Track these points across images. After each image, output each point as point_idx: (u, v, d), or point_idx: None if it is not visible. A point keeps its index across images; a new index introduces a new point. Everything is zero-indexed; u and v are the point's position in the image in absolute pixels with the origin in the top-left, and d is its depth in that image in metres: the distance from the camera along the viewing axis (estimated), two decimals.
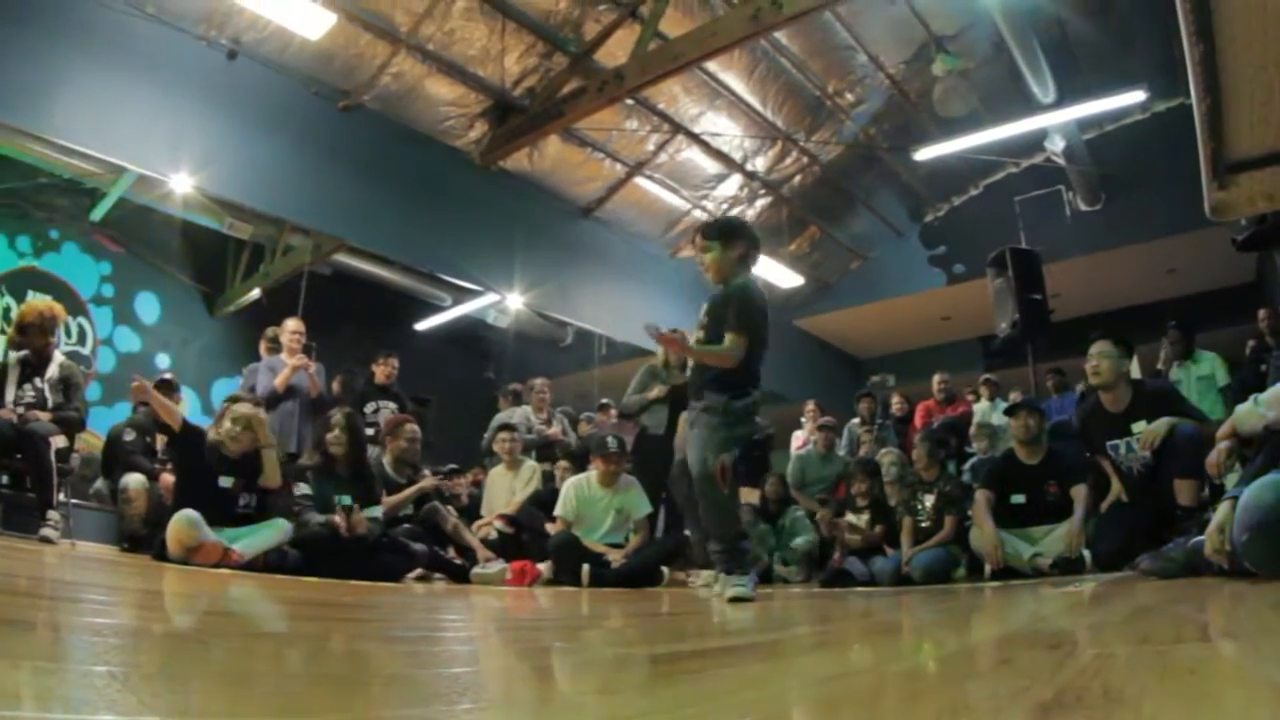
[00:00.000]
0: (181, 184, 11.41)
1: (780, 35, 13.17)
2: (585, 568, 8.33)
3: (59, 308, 8.57)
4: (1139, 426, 6.90)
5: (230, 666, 1.87)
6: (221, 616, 3.56)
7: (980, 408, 12.82)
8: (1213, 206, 3.10)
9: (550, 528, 9.16)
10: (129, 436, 9.53)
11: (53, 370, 8.17)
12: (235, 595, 4.64)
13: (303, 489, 7.80)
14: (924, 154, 15.03)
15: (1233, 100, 2.55)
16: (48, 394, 8.07)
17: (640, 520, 8.95)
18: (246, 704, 1.38)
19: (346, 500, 7.75)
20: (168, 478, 8.77)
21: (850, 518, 9.84)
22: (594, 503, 8.98)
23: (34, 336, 8.11)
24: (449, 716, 1.34)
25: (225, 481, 7.48)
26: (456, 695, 1.56)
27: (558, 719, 1.45)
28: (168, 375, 10.35)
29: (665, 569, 8.77)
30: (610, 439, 9.16)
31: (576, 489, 9.07)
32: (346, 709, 1.41)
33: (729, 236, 6.43)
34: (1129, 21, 13.48)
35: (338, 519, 7.49)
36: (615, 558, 8.60)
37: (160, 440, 9.45)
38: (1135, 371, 7.84)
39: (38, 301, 8.86)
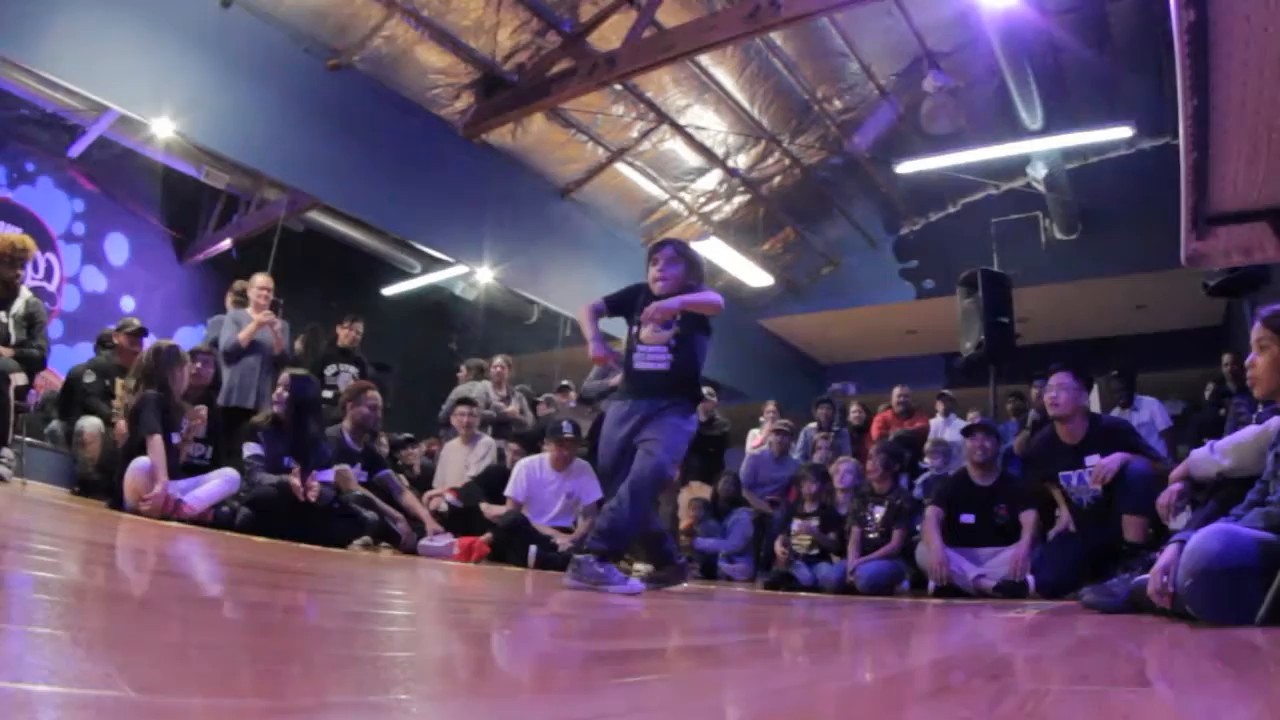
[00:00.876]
0: (163, 128, 11.32)
1: (775, 36, 13.18)
2: (532, 549, 8.36)
3: (30, 241, 8.49)
4: (1092, 460, 6.97)
5: (187, 637, 1.87)
6: (171, 577, 3.55)
7: (935, 423, 12.89)
8: (1189, 256, 3.12)
9: (487, 509, 9.19)
10: (89, 379, 9.47)
11: (18, 305, 8.10)
12: (184, 554, 4.63)
13: (253, 449, 7.77)
14: (906, 167, 15.08)
15: (1220, 157, 2.57)
16: (11, 329, 8.00)
17: (590, 505, 8.97)
18: (205, 682, 1.37)
19: (293, 463, 7.75)
20: (124, 424, 8.74)
21: (798, 522, 9.86)
22: (545, 485, 9.02)
23: (3, 269, 8.04)
24: (407, 706, 1.34)
25: (174, 438, 7.49)
26: (396, 684, 1.56)
27: (496, 715, 1.45)
28: (136, 322, 10.24)
29: None
30: (565, 424, 9.20)
31: (528, 471, 9.12)
32: (300, 692, 1.41)
33: (695, 265, 6.56)
34: (1124, 57, 13.55)
35: (296, 480, 7.47)
36: (563, 541, 8.63)
37: (121, 386, 9.41)
38: (1094, 405, 7.91)
39: (9, 234, 8.79)
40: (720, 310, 6.19)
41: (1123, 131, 13.44)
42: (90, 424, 8.82)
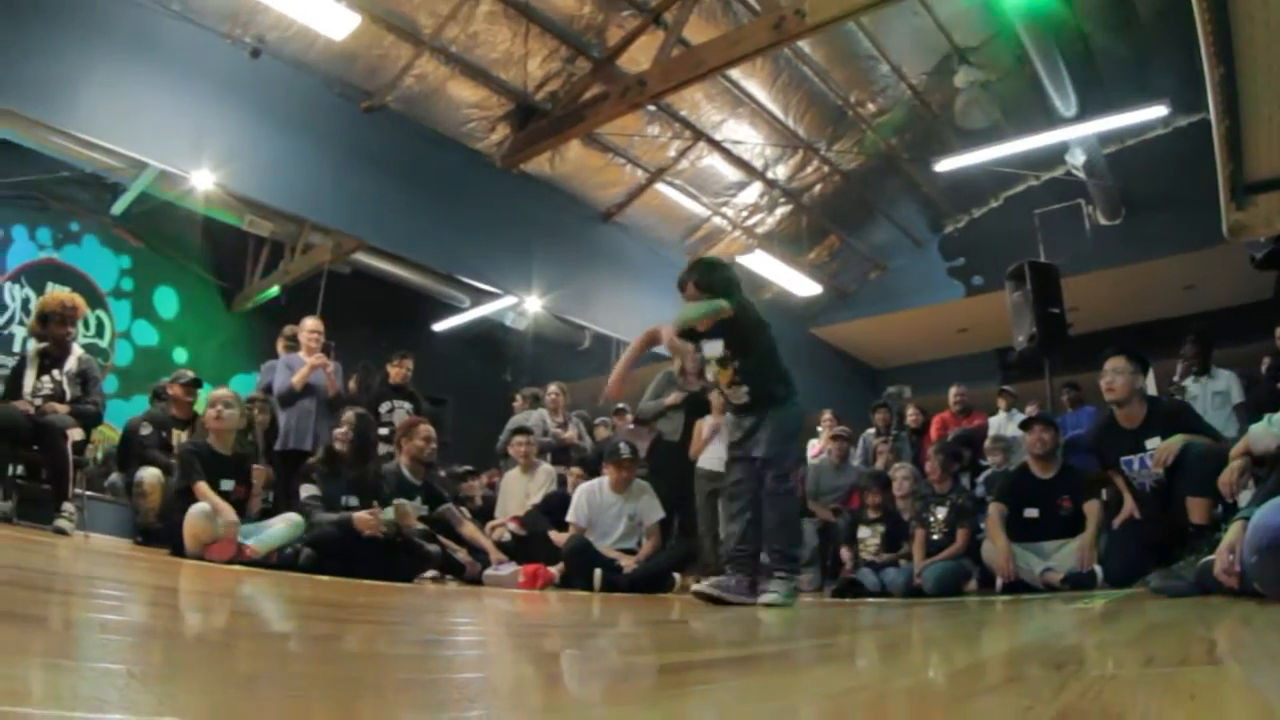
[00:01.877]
0: (203, 180, 11.47)
1: (803, 44, 13.16)
2: (597, 572, 8.35)
3: (80, 299, 8.61)
4: (1153, 443, 6.91)
5: (246, 668, 1.89)
6: (236, 615, 3.57)
7: (996, 420, 12.81)
8: (1230, 227, 3.10)
9: (555, 535, 9.19)
10: (145, 431, 9.54)
11: (71, 363, 8.20)
12: (249, 593, 4.66)
13: (310, 490, 7.80)
14: (945, 165, 15.02)
15: (1251, 123, 2.55)
16: (66, 386, 8.10)
17: (652, 526, 8.96)
18: (262, 709, 1.39)
19: (354, 501, 7.76)
20: None
21: (863, 529, 9.83)
22: (606, 509, 9.00)
23: (54, 326, 8.14)
24: None
25: (226, 484, 7.51)
26: (467, 702, 1.58)
27: None
28: (190, 374, 10.29)
29: (676, 575, 8.81)
30: (623, 445, 9.18)
31: (589, 495, 9.10)
32: (358, 714, 1.43)
33: (726, 288, 6.68)
34: (1152, 36, 13.47)
35: (369, 516, 7.46)
36: (627, 563, 8.61)
37: (177, 435, 9.50)
38: (1151, 387, 7.84)
39: (60, 292, 8.91)
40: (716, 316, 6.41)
41: (1157, 111, 13.32)
42: (150, 475, 8.86)
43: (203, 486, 7.28)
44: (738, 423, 6.70)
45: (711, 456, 9.44)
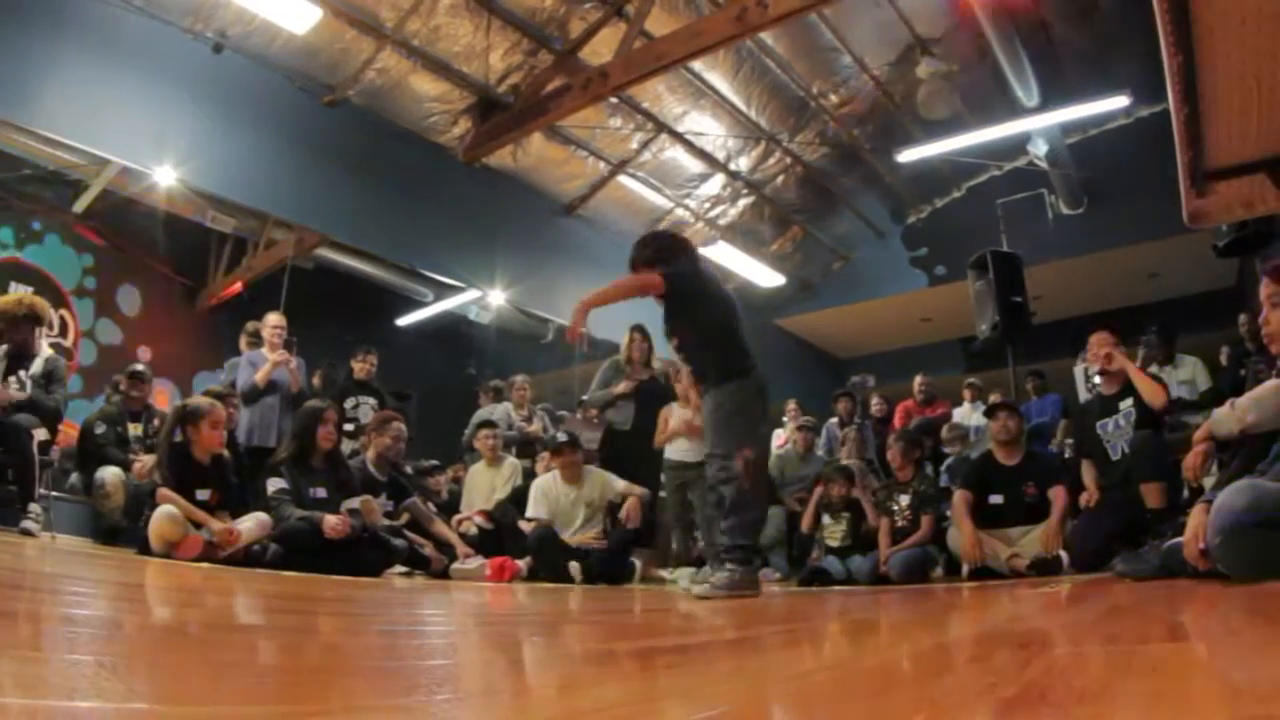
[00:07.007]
0: (165, 177, 11.38)
1: (765, 36, 13.14)
2: (574, 565, 8.38)
3: (38, 302, 8.48)
4: (1126, 404, 7.03)
5: (214, 657, 1.88)
6: (203, 609, 3.56)
7: (960, 411, 12.88)
8: (1191, 214, 3.12)
9: (524, 525, 9.18)
10: (100, 429, 9.46)
11: (38, 364, 8.11)
12: (216, 588, 4.65)
13: (278, 484, 7.74)
14: (907, 156, 15.03)
15: (1211, 110, 2.57)
16: (31, 390, 8.02)
17: (630, 499, 8.95)
18: (230, 694, 1.40)
19: (321, 493, 7.74)
20: (146, 459, 8.76)
21: (827, 520, 9.84)
22: (562, 499, 9.02)
23: (10, 330, 8.04)
24: (427, 707, 1.36)
25: (201, 494, 7.44)
26: (435, 686, 1.58)
27: (533, 711, 1.47)
28: (139, 366, 10.22)
29: (636, 562, 8.85)
30: (559, 433, 9.25)
31: (544, 489, 9.14)
32: (326, 699, 1.43)
33: (658, 257, 6.66)
34: (1114, 26, 13.51)
35: (338, 522, 7.42)
36: (589, 539, 8.67)
37: (132, 428, 9.46)
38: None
39: (20, 293, 8.82)
40: (643, 289, 6.55)
41: (1119, 101, 13.37)
42: (111, 474, 8.81)
43: (166, 492, 7.23)
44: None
45: (679, 447, 9.42)
